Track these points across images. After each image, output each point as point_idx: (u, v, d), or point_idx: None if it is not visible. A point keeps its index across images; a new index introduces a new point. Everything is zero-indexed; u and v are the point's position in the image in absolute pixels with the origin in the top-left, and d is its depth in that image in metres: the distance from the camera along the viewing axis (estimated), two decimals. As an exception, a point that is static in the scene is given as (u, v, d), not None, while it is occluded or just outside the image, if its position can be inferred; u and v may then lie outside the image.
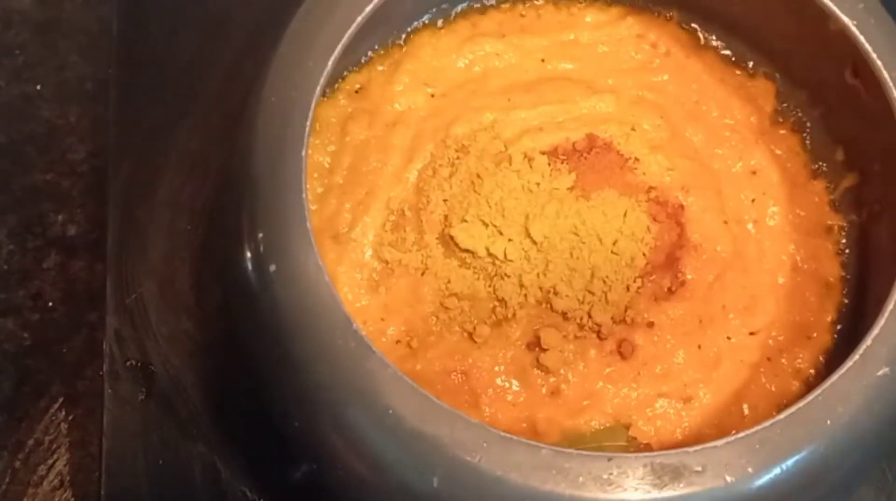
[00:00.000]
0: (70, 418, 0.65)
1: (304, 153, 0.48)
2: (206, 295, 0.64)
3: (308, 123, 0.48)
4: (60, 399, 0.65)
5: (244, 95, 0.57)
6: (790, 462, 0.45)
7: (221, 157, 0.65)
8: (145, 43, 0.70)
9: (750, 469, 0.45)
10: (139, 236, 0.65)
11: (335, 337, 0.46)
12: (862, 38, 0.53)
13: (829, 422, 0.46)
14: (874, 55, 0.52)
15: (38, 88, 0.73)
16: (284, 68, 0.51)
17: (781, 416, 0.46)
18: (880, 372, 0.46)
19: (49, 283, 0.68)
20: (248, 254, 0.49)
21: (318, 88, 0.49)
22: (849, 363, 0.46)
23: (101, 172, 0.68)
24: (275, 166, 0.49)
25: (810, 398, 0.46)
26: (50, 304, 0.67)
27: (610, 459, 0.45)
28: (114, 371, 0.62)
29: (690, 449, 0.45)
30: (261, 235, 0.48)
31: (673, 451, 0.45)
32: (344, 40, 0.50)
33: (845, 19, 0.53)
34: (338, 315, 0.46)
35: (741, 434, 0.45)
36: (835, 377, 0.46)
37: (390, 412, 0.45)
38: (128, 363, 0.63)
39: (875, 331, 0.47)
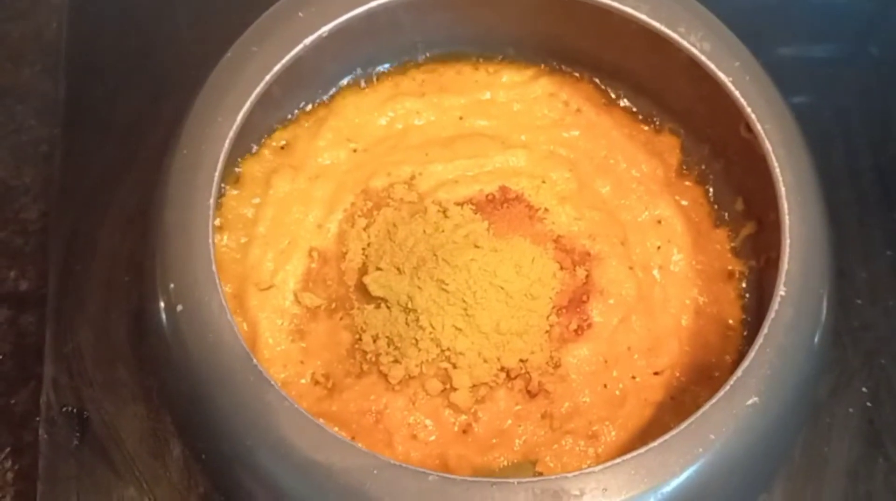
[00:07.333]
0: (16, 468, 0.66)
1: (211, 202, 0.51)
2: (141, 344, 0.67)
3: (217, 174, 0.52)
4: (7, 449, 0.67)
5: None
6: (665, 487, 0.47)
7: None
8: (90, 105, 0.73)
9: (626, 494, 0.47)
10: (78, 289, 0.68)
11: (235, 371, 0.49)
12: (737, 94, 0.56)
13: (701, 449, 0.48)
14: (748, 109, 0.55)
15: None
16: (197, 124, 0.54)
17: (656, 443, 0.48)
18: (749, 402, 0.49)
19: (-1, 337, 0.70)
20: (160, 295, 0.52)
21: (227, 142, 0.52)
22: (720, 393, 0.49)
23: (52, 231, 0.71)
24: (184, 215, 0.52)
25: (683, 426, 0.48)
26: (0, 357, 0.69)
27: (493, 485, 0.47)
28: (50, 418, 0.65)
29: (570, 475, 0.47)
30: (172, 284, 0.51)
31: (553, 476, 0.47)
32: (252, 98, 0.54)
33: (722, 77, 0.57)
34: (238, 351, 0.49)
35: (618, 460, 0.47)
36: (706, 406, 0.48)
37: (286, 441, 0.48)
38: (63, 409, 0.65)
39: (745, 363, 0.50)
